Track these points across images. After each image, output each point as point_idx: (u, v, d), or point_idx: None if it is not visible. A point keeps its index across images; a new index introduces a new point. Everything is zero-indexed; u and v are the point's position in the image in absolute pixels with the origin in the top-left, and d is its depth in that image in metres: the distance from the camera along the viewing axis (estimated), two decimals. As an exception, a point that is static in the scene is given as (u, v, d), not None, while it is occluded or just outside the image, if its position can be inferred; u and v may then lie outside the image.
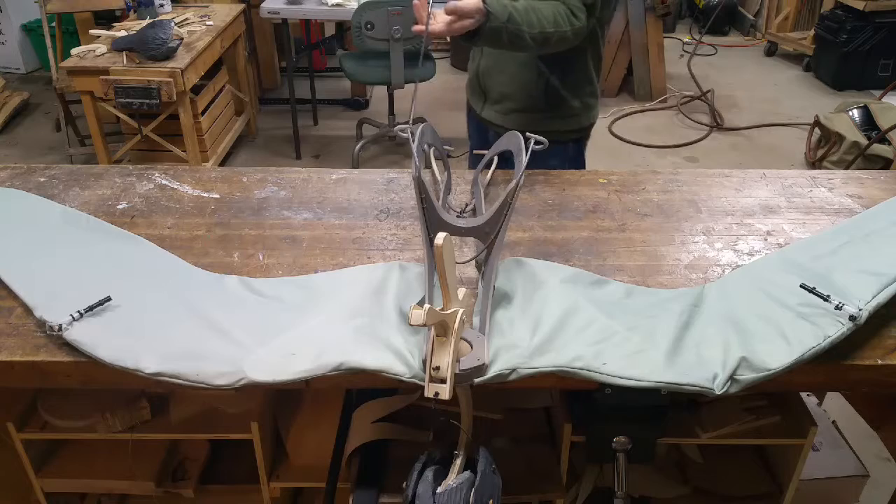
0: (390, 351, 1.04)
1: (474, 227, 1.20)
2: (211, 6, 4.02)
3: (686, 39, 6.23)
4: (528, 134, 1.34)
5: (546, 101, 1.81)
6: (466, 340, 1.03)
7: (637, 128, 4.62)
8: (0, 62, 5.35)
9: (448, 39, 5.48)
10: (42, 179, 1.61)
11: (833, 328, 1.04)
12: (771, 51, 6.00)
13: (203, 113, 3.60)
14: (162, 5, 3.77)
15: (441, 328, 0.96)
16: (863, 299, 1.07)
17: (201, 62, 3.43)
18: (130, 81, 3.14)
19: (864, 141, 3.83)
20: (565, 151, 1.90)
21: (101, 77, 3.16)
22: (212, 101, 3.75)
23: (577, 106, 1.85)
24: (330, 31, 5.61)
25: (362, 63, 3.83)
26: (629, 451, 1.23)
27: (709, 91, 4.98)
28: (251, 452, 1.43)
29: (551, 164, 1.72)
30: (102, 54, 3.29)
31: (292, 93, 4.09)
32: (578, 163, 1.95)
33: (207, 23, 3.71)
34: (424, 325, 0.91)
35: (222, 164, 3.92)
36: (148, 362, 1.03)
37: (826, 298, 1.08)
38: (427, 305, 0.92)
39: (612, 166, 1.98)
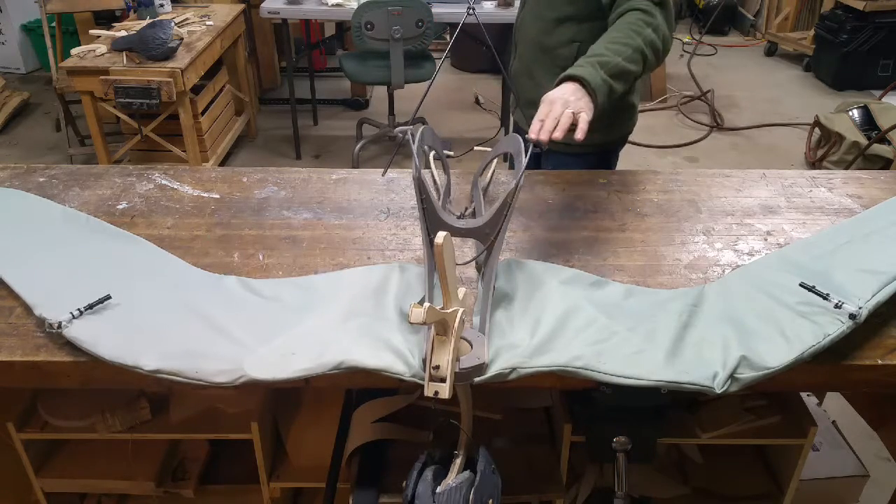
0: (390, 350, 1.04)
1: (474, 227, 1.20)
2: (211, 6, 4.02)
3: (686, 39, 6.23)
4: (527, 136, 1.33)
5: None
6: (466, 340, 1.03)
7: (637, 128, 4.60)
8: (0, 62, 5.35)
9: (448, 38, 5.50)
10: (42, 179, 1.61)
11: (833, 327, 1.04)
12: (771, 51, 6.00)
13: (203, 113, 3.60)
14: (162, 5, 3.77)
15: (441, 327, 0.96)
16: (862, 298, 1.07)
17: (201, 62, 3.43)
18: (130, 81, 3.14)
19: (864, 141, 3.83)
20: (587, 162, 1.83)
21: (101, 77, 3.16)
22: (212, 101, 3.76)
23: (599, 119, 1.75)
24: (330, 31, 5.61)
25: (362, 63, 3.83)
26: (629, 451, 1.23)
27: (709, 91, 4.98)
28: (251, 452, 1.43)
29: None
30: (102, 54, 3.29)
31: (292, 93, 4.09)
32: None
33: (207, 23, 3.71)
34: (424, 323, 0.91)
35: (222, 164, 3.93)
36: (147, 359, 1.03)
37: (826, 297, 1.08)
38: (427, 304, 0.92)
39: (612, 166, 1.98)
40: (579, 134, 1.27)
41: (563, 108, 1.28)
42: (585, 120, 1.28)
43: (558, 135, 1.25)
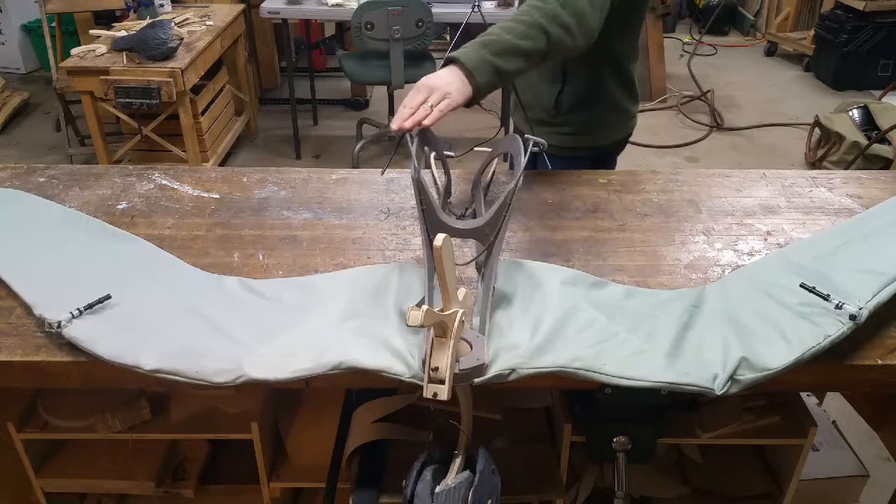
0: (389, 351, 1.04)
1: (474, 228, 1.20)
2: (211, 6, 4.02)
3: (686, 39, 6.23)
4: (526, 136, 1.33)
5: (557, 114, 1.74)
6: (466, 341, 1.03)
7: (637, 128, 4.60)
8: (0, 62, 5.35)
9: (448, 38, 5.50)
10: (42, 179, 1.61)
11: (833, 328, 1.04)
12: (771, 51, 6.00)
13: (203, 113, 3.60)
14: (162, 5, 3.77)
15: (440, 329, 0.96)
16: (863, 299, 1.07)
17: (201, 62, 3.43)
18: (130, 81, 3.15)
19: (864, 141, 3.83)
20: (583, 166, 1.78)
21: (101, 77, 3.16)
22: (212, 101, 3.76)
23: (592, 123, 1.77)
24: (330, 31, 5.62)
25: (362, 63, 3.83)
26: (629, 451, 1.23)
27: (709, 91, 4.98)
28: (251, 452, 1.43)
29: None
30: (102, 54, 3.29)
31: (292, 93, 4.09)
32: None
33: (207, 23, 3.71)
34: (422, 326, 0.91)
35: (222, 164, 3.93)
36: (147, 359, 1.03)
37: (826, 298, 1.08)
38: (425, 306, 0.92)
39: (612, 166, 1.98)
40: (427, 121, 1.24)
41: (426, 95, 1.25)
42: (440, 109, 1.25)
43: (408, 125, 1.23)
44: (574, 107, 1.73)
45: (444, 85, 1.25)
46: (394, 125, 1.24)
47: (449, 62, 1.29)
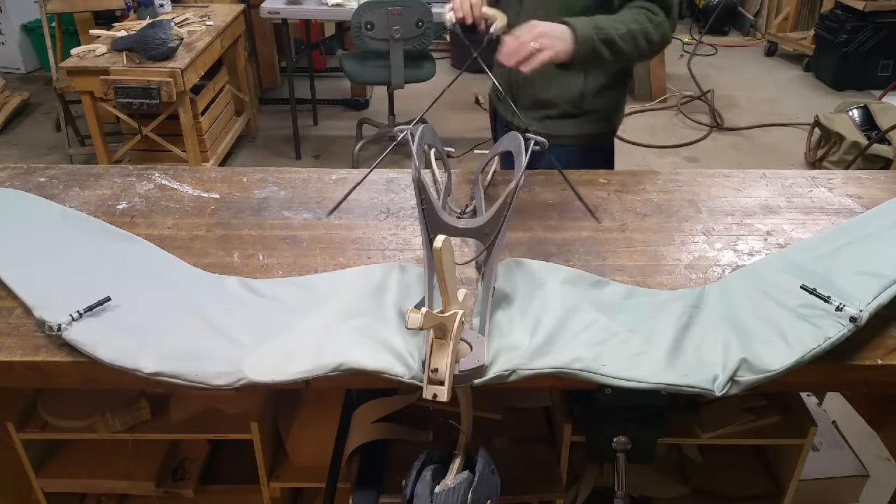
0: (389, 352, 1.04)
1: (474, 227, 1.20)
2: (211, 6, 4.02)
3: (686, 39, 6.23)
4: (527, 134, 1.33)
5: (581, 104, 1.79)
6: (466, 341, 1.03)
7: (637, 128, 4.62)
8: (0, 62, 5.35)
9: (448, 39, 5.50)
10: (42, 179, 1.61)
11: (833, 329, 1.04)
12: (771, 51, 6.00)
13: (203, 113, 3.60)
14: (162, 5, 3.77)
15: (440, 330, 0.96)
16: (863, 301, 1.07)
17: (201, 62, 3.43)
18: (130, 81, 3.15)
19: (864, 141, 3.83)
20: (592, 155, 1.86)
21: (101, 77, 3.16)
22: (212, 101, 3.76)
23: (608, 109, 1.84)
24: (330, 31, 5.62)
25: (362, 63, 3.83)
26: (629, 451, 1.23)
27: (709, 91, 4.98)
28: (251, 452, 1.43)
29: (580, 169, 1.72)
30: (102, 54, 3.29)
31: (292, 93, 4.09)
32: (608, 165, 1.93)
33: (207, 23, 3.71)
34: (421, 328, 0.91)
35: (222, 164, 3.93)
36: (147, 362, 1.03)
37: (827, 300, 1.08)
38: (424, 309, 0.92)
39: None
40: (525, 67, 1.39)
41: (535, 37, 1.38)
42: (541, 59, 1.39)
43: (510, 62, 1.38)
44: (597, 94, 1.79)
45: (554, 38, 1.41)
46: (506, 61, 1.39)
47: (564, 23, 1.43)
